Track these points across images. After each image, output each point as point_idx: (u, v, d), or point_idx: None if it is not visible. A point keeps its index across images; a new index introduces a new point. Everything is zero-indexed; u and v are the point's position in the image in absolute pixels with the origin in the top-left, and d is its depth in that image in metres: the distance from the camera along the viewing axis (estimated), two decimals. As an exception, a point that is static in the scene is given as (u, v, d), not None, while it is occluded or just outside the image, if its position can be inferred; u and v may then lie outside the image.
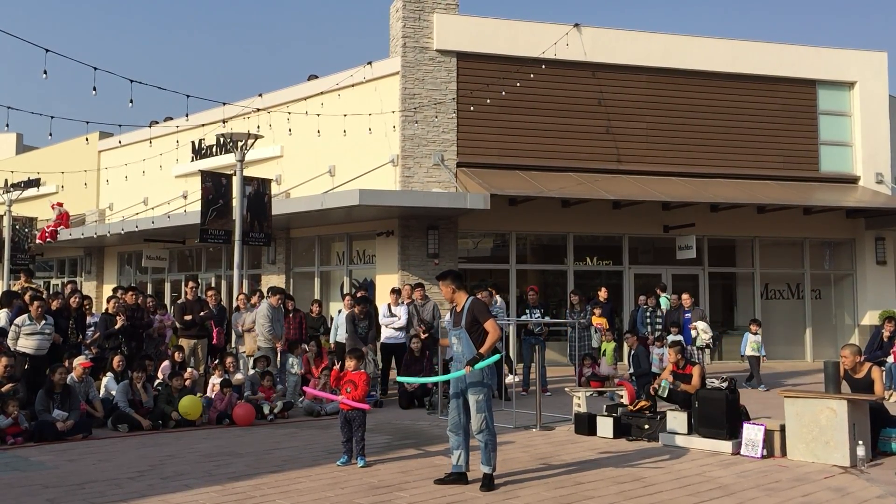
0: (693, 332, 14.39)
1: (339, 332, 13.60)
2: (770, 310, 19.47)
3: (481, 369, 7.04)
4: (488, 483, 6.97)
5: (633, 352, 13.53)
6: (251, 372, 12.10)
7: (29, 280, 15.10)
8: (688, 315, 14.75)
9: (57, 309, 11.80)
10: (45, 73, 10.08)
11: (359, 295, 13.79)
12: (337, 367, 8.60)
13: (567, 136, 18.02)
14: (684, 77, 18.97)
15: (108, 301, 13.01)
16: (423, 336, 12.74)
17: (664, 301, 15.27)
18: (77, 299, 12.10)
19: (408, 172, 17.05)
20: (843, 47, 20.37)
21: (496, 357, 7.15)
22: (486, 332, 7.08)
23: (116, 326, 11.90)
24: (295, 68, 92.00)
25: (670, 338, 13.61)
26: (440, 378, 7.16)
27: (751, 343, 14.56)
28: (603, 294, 14.65)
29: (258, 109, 17.70)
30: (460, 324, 7.19)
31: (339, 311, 13.97)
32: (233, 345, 13.51)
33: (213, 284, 20.18)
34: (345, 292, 16.56)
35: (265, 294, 13.35)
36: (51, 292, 26.89)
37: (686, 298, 15.04)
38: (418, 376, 12.22)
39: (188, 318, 12.55)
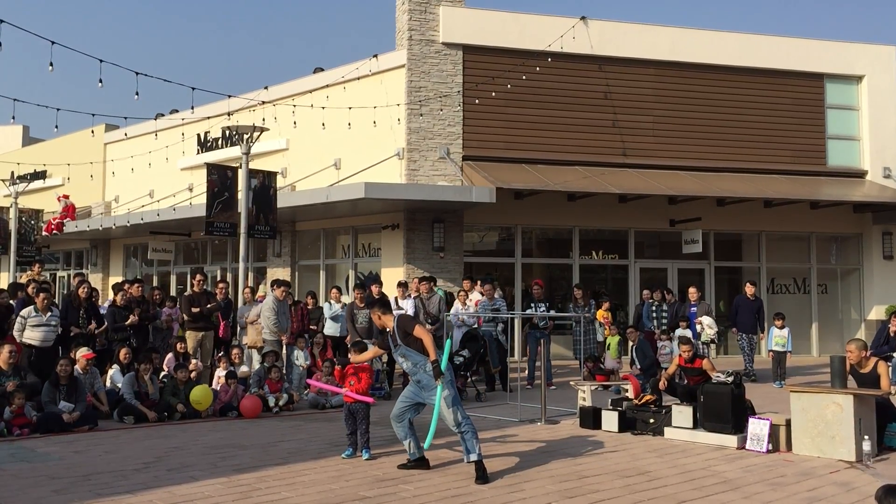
0: (698, 327, 14.35)
1: (329, 325, 13.54)
2: (776, 304, 19.39)
3: (437, 368, 7.09)
4: (481, 473, 6.98)
5: (634, 345, 13.52)
6: (256, 366, 12.11)
7: (41, 270, 15.15)
8: (693, 309, 14.73)
9: (67, 300, 11.83)
10: (52, 65, 10.10)
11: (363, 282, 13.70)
12: (339, 366, 8.55)
13: (573, 130, 17.97)
14: (691, 70, 18.90)
15: (114, 293, 13.01)
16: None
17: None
18: (86, 289, 12.09)
19: (413, 166, 17.03)
20: (851, 41, 20.28)
21: (446, 352, 7.37)
22: (420, 339, 7.22)
23: (127, 322, 11.93)
24: (300, 61, 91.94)
25: (678, 332, 13.59)
26: (434, 419, 7.25)
27: (775, 338, 14.40)
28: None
29: (263, 102, 17.70)
30: (398, 342, 7.39)
31: (329, 304, 13.92)
32: (238, 338, 13.51)
33: (220, 278, 20.21)
34: (333, 285, 16.45)
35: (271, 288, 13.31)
36: (57, 285, 27.04)
37: (693, 293, 15.02)
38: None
39: (196, 310, 12.56)
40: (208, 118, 20.58)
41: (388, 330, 7.60)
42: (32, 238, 22.90)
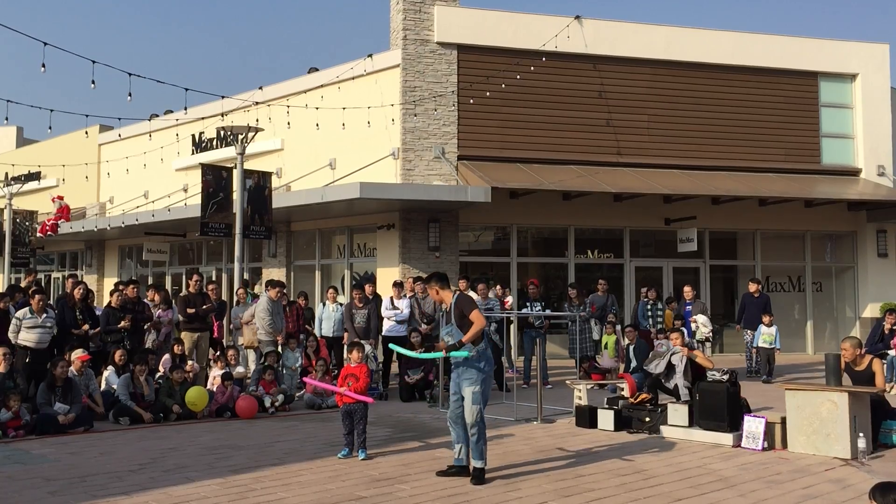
0: (693, 326, 14.39)
1: (325, 326, 13.53)
2: (771, 303, 19.45)
3: (477, 362, 7.03)
4: (479, 476, 6.95)
5: (629, 345, 13.53)
6: (252, 367, 12.08)
7: (35, 277, 15.11)
8: (688, 308, 14.76)
9: (62, 301, 11.78)
10: (44, 66, 10.07)
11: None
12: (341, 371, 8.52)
13: (568, 129, 17.99)
14: (686, 69, 18.92)
15: (110, 294, 12.97)
16: (424, 331, 12.72)
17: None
18: (82, 290, 12.04)
19: (408, 165, 17.03)
20: (845, 39, 20.35)
21: (465, 353, 7.01)
22: (472, 322, 7.06)
23: (119, 326, 11.89)
24: (295, 62, 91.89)
25: (672, 330, 13.59)
26: (425, 356, 7.28)
27: (763, 335, 14.45)
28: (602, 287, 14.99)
29: (258, 103, 17.68)
30: (451, 321, 7.24)
31: (324, 304, 13.91)
32: (231, 338, 13.48)
33: (213, 278, 20.20)
34: (330, 285, 16.44)
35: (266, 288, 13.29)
36: (52, 286, 26.97)
37: (688, 291, 15.06)
38: (418, 370, 12.28)
39: (191, 311, 12.54)
40: (202, 119, 20.55)
41: (445, 307, 7.40)
42: (27, 239, 22.85)
